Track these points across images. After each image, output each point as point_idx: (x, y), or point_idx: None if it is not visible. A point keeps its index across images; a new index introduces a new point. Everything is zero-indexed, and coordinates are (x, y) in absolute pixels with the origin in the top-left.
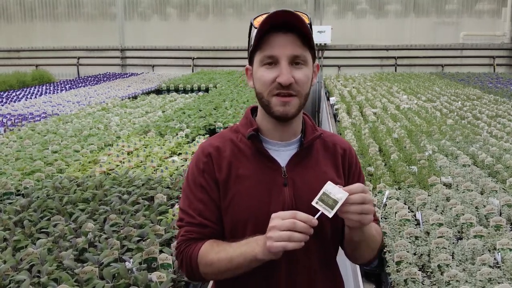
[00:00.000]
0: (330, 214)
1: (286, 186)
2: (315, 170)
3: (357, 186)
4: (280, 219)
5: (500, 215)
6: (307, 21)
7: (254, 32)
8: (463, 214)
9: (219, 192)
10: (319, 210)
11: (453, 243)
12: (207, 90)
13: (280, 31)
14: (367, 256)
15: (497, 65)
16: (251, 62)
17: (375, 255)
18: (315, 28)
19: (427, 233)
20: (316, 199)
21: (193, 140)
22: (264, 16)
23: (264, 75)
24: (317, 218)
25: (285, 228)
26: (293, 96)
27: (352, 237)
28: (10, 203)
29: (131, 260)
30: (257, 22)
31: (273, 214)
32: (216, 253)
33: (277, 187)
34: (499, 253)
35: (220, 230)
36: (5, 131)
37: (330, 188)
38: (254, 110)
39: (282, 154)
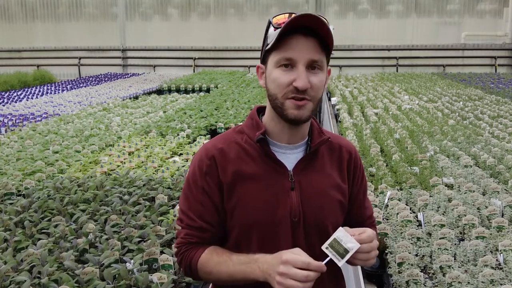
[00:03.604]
0: (339, 263)
1: (293, 190)
2: (321, 173)
3: (367, 236)
4: (292, 267)
5: (502, 216)
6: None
7: (272, 31)
8: (465, 215)
9: (221, 196)
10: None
11: (455, 244)
12: (208, 90)
13: (300, 33)
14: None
15: (499, 65)
16: (264, 61)
17: None
18: None
19: (429, 234)
20: (326, 244)
21: (194, 140)
22: (283, 16)
23: (281, 77)
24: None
25: (298, 279)
26: (307, 100)
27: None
28: (11, 204)
29: (132, 261)
30: (276, 21)
31: (283, 257)
32: (216, 264)
33: (284, 191)
34: (501, 255)
35: (220, 234)
36: (6, 131)
37: (342, 236)
38: (259, 111)
39: (289, 157)
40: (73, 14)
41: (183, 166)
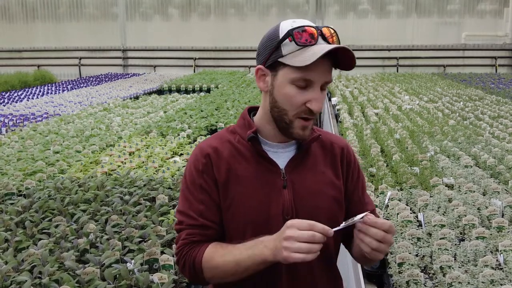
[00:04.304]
0: (340, 225)
1: (286, 188)
2: (313, 171)
3: (383, 222)
4: (296, 229)
5: (503, 216)
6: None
7: (288, 41)
8: (465, 215)
9: (219, 193)
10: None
11: (455, 244)
12: (208, 90)
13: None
14: (374, 261)
15: (499, 65)
16: (272, 68)
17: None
18: None
19: (429, 234)
20: (345, 222)
21: (194, 140)
22: (306, 29)
23: (296, 96)
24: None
25: (304, 240)
26: (311, 120)
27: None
28: (11, 204)
29: (133, 261)
30: (299, 37)
31: (288, 222)
32: (221, 256)
33: (277, 189)
34: (502, 255)
35: (223, 231)
36: (6, 131)
37: (360, 216)
38: (250, 111)
39: (281, 155)
40: (73, 14)
41: (184, 166)
